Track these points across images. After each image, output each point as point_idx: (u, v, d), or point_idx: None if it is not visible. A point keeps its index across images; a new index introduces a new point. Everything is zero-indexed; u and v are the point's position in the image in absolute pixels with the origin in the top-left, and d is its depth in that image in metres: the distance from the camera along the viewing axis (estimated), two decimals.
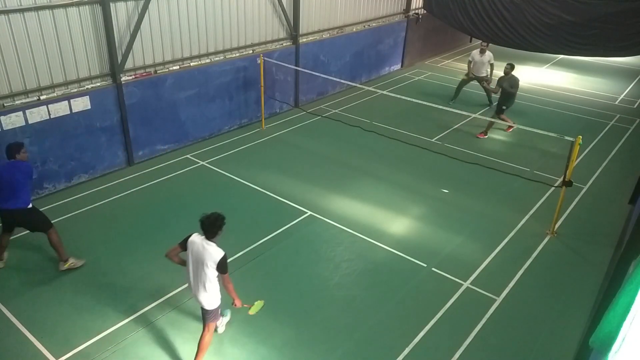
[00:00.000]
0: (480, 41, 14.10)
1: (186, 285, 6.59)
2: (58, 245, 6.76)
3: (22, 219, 6.71)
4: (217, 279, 5.10)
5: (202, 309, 5.23)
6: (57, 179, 8.80)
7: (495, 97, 12.28)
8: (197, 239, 5.06)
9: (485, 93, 13.92)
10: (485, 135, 11.84)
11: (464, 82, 13.96)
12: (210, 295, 5.11)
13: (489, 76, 13.56)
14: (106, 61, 8.99)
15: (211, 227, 4.95)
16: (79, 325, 5.97)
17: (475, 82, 13.89)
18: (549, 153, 11.04)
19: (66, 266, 6.80)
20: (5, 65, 7.73)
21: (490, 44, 13.85)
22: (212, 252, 4.94)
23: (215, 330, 5.75)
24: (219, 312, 5.39)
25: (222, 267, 4.99)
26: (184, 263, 5.23)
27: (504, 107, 11.73)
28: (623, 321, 3.03)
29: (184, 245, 5.14)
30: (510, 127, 12.02)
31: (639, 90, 16.02)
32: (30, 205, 6.66)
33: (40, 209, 8.17)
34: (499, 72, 12.49)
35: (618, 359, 2.83)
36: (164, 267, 6.98)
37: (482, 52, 13.41)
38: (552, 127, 10.89)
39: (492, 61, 13.49)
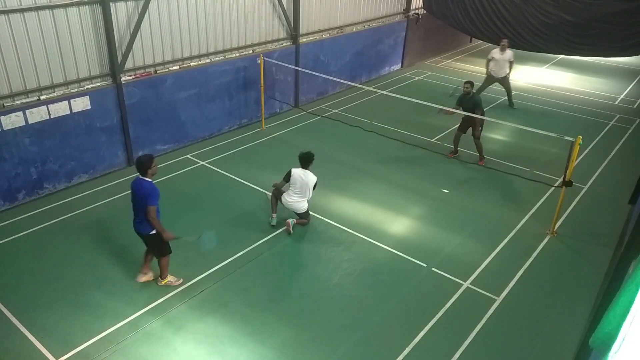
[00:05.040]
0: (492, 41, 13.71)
1: (186, 284, 6.64)
2: (163, 268, 6.47)
3: (145, 241, 6.37)
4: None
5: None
6: (57, 179, 8.80)
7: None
8: (298, 170, 7.65)
9: (507, 95, 13.65)
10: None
11: (485, 85, 13.55)
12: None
13: (509, 75, 13.28)
14: (106, 61, 8.99)
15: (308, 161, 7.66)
16: (79, 325, 5.97)
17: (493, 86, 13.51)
18: (549, 153, 11.03)
19: (163, 282, 6.54)
20: (5, 65, 7.73)
21: (493, 44, 13.78)
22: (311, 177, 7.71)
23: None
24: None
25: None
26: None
27: (480, 128, 10.17)
28: (623, 321, 3.02)
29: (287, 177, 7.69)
30: (482, 158, 10.40)
31: (639, 90, 16.01)
32: (154, 231, 6.12)
33: (41, 209, 8.25)
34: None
35: (618, 359, 2.83)
36: None
37: (503, 49, 12.95)
38: (552, 127, 10.91)
39: (512, 59, 13.08)
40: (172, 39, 9.88)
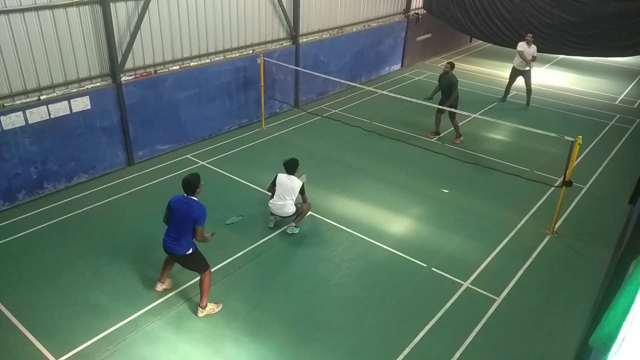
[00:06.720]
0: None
1: (186, 285, 6.64)
2: (205, 290, 6.09)
3: (179, 261, 6.14)
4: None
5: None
6: (57, 179, 8.80)
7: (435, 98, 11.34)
8: (283, 175, 7.62)
9: (526, 94, 13.78)
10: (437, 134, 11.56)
11: (511, 79, 13.87)
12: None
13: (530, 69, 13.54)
14: (106, 61, 8.99)
15: (291, 167, 7.56)
16: (79, 325, 5.97)
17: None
18: (549, 153, 11.04)
19: (204, 313, 6.15)
20: (5, 65, 7.73)
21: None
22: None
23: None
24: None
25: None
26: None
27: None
28: (623, 321, 3.03)
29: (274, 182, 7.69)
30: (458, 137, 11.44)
31: (639, 90, 16.02)
32: (190, 251, 5.93)
33: (41, 209, 8.26)
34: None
35: (618, 359, 2.83)
36: None
37: (529, 43, 13.22)
38: (552, 127, 10.93)
39: (535, 54, 13.32)
40: (172, 39, 9.88)
